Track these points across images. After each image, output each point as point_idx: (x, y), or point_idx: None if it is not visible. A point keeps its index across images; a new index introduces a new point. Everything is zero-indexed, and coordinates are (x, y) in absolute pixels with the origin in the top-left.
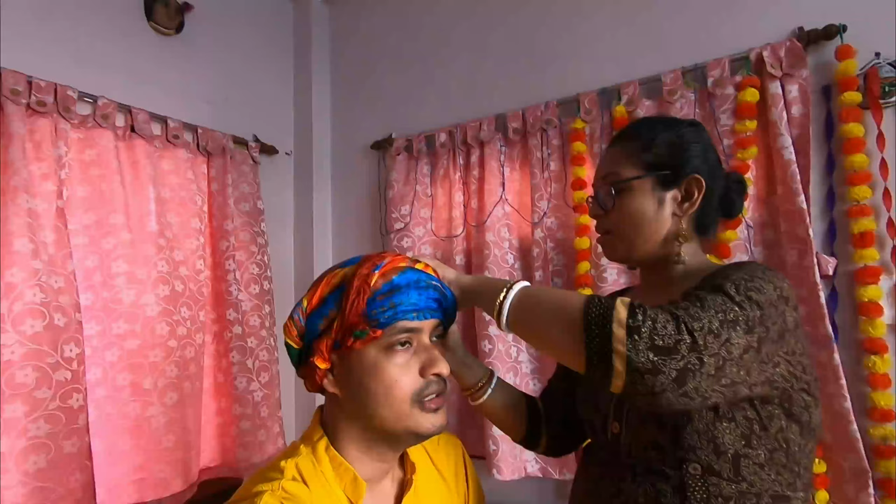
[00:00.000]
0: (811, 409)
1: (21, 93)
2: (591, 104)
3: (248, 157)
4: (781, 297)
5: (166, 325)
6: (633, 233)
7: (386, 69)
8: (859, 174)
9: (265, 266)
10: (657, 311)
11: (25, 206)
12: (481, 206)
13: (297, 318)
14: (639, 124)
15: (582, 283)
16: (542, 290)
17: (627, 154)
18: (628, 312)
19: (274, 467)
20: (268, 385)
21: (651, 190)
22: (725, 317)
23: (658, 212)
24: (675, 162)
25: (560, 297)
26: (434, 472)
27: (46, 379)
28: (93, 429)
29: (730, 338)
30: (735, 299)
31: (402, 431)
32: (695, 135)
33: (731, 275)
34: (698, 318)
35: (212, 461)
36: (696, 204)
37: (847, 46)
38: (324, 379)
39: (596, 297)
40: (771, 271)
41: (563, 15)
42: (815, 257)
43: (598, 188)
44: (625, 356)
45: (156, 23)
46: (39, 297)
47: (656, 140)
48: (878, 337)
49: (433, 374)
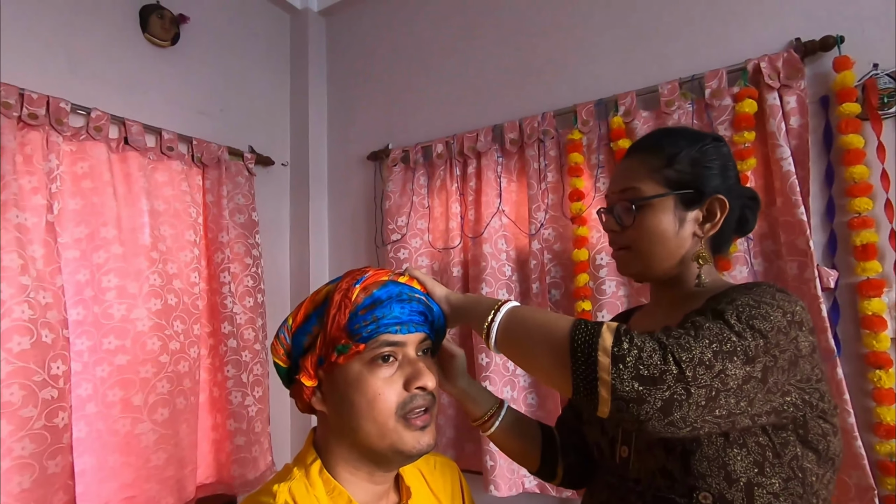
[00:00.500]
0: (829, 437)
1: (13, 105)
2: (588, 115)
3: (244, 169)
4: (793, 323)
5: (158, 340)
6: (651, 252)
7: (382, 80)
8: (860, 185)
9: (259, 279)
10: (644, 339)
11: (15, 221)
12: (478, 217)
13: (283, 337)
14: (661, 136)
15: (580, 295)
16: (532, 311)
17: (648, 169)
18: (614, 340)
19: (266, 491)
20: (261, 400)
21: (672, 209)
22: (721, 347)
23: (678, 232)
24: (698, 181)
25: (548, 320)
26: (430, 497)
27: (33, 397)
28: (82, 446)
29: (724, 369)
30: (734, 328)
31: (388, 449)
32: (717, 151)
33: (735, 299)
34: (688, 348)
35: (207, 478)
36: (718, 225)
37: (845, 57)
38: (311, 397)
39: (583, 323)
40: (782, 294)
41: (560, 26)
42: (816, 269)
43: (615, 201)
44: (609, 385)
45: (151, 34)
46: (27, 314)
47: (679, 156)
48: (882, 351)
49: (417, 387)
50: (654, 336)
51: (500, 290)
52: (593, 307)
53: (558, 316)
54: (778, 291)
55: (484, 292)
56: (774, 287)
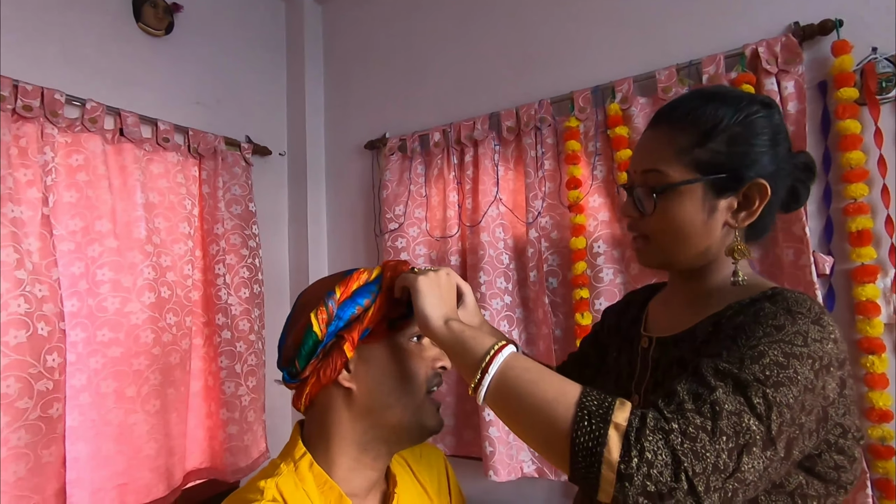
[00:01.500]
0: (842, 468)
1: (6, 98)
2: (585, 102)
3: (241, 159)
4: (822, 369)
5: (151, 333)
6: (674, 243)
7: (379, 68)
8: (856, 171)
9: (256, 269)
10: (656, 450)
11: (10, 216)
12: (476, 205)
13: (330, 306)
14: (697, 103)
15: (578, 283)
16: (528, 378)
17: (676, 148)
18: (622, 452)
19: (252, 488)
20: (255, 389)
21: (701, 197)
22: (738, 440)
23: (707, 222)
24: (735, 163)
25: (546, 399)
26: (416, 485)
27: (28, 389)
28: (77, 434)
29: (741, 466)
30: (756, 410)
31: (414, 423)
32: (765, 122)
33: (763, 353)
34: (703, 456)
35: (201, 463)
36: (756, 214)
37: (843, 42)
38: (338, 374)
39: (587, 417)
40: (817, 329)
41: (556, 12)
42: (812, 256)
43: (636, 183)
44: (612, 494)
45: (144, 24)
46: (24, 308)
47: (716, 131)
48: (875, 336)
49: (440, 366)
50: (669, 441)
51: (497, 279)
52: (591, 295)
53: (557, 393)
54: (813, 325)
55: (482, 281)
56: (811, 316)
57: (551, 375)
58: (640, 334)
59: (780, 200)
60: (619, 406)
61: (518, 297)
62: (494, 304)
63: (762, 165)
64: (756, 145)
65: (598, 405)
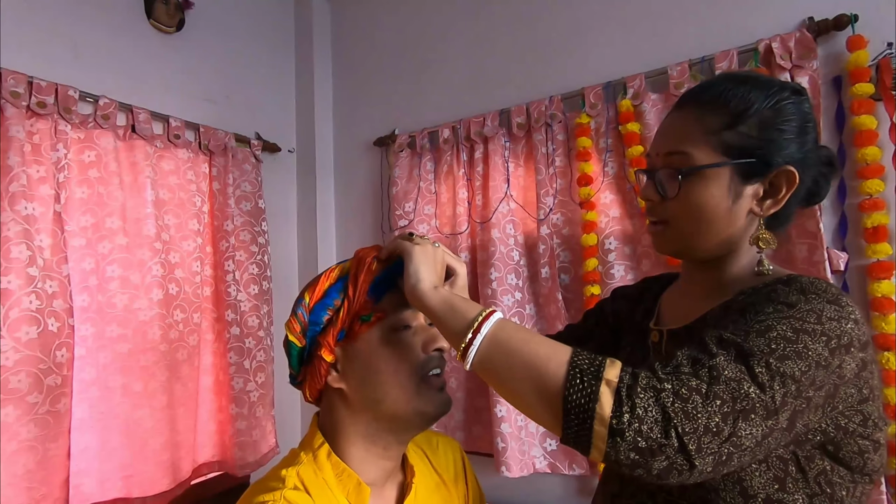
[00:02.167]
0: (867, 454)
1: (21, 95)
2: (597, 98)
3: (251, 156)
4: (839, 348)
5: (159, 329)
6: (695, 229)
7: (388, 65)
8: (872, 167)
9: (265, 266)
10: (647, 406)
11: (23, 213)
12: (486, 202)
13: (300, 314)
14: (727, 85)
15: (590, 279)
16: (518, 339)
17: (704, 129)
18: (613, 407)
19: (274, 476)
20: (264, 385)
21: (728, 181)
22: (734, 406)
23: (731, 209)
24: (765, 148)
25: (537, 357)
26: (433, 476)
27: (38, 384)
28: (85, 426)
29: (737, 431)
30: (758, 379)
31: (413, 413)
32: (796, 109)
33: (772, 326)
34: (694, 416)
35: (212, 457)
36: (782, 202)
37: (858, 37)
38: (328, 376)
39: (578, 375)
40: (833, 308)
41: (567, 7)
42: (826, 252)
43: (658, 165)
44: (604, 451)
45: (156, 21)
46: (35, 304)
47: (747, 115)
48: (891, 333)
49: (435, 349)
50: (660, 399)
51: (508, 275)
52: (602, 291)
53: (549, 351)
54: (829, 304)
55: (493, 277)
56: (826, 296)
57: (542, 337)
58: (651, 328)
59: (804, 191)
60: (609, 364)
61: (529, 293)
62: (505, 301)
63: (790, 153)
64: (786, 131)
65: (590, 363)
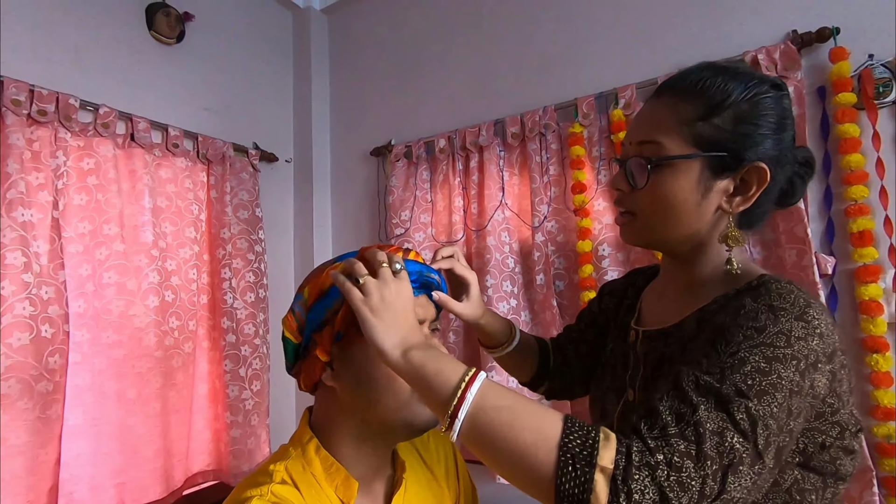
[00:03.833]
0: (840, 460)
1: (22, 103)
2: (589, 108)
3: (248, 165)
4: (809, 368)
5: (154, 336)
6: (663, 222)
7: (384, 76)
8: (856, 173)
9: (262, 274)
10: (644, 485)
11: (20, 220)
12: (481, 210)
13: (297, 311)
14: (706, 74)
15: (585, 285)
16: (500, 421)
17: (678, 119)
18: (609, 496)
19: (263, 471)
20: (259, 394)
21: (698, 174)
22: (721, 462)
23: (700, 203)
24: (738, 142)
25: (525, 445)
26: (424, 471)
27: (29, 390)
28: (79, 431)
29: (726, 486)
30: (740, 426)
31: (400, 423)
32: (774, 104)
33: (745, 359)
34: (689, 485)
35: (207, 465)
36: (751, 200)
37: (840, 49)
38: (322, 373)
39: (570, 461)
40: (801, 326)
41: (559, 20)
42: (814, 256)
43: (630, 154)
44: None
45: (157, 32)
46: (29, 311)
47: (723, 106)
48: (879, 335)
49: None
50: (655, 478)
51: (503, 282)
52: None
53: (537, 434)
54: (796, 322)
55: (488, 284)
56: (794, 311)
57: (526, 413)
58: (630, 327)
59: (777, 190)
60: (603, 444)
61: (524, 300)
62: (501, 308)
63: (764, 149)
64: (761, 126)
65: (582, 445)
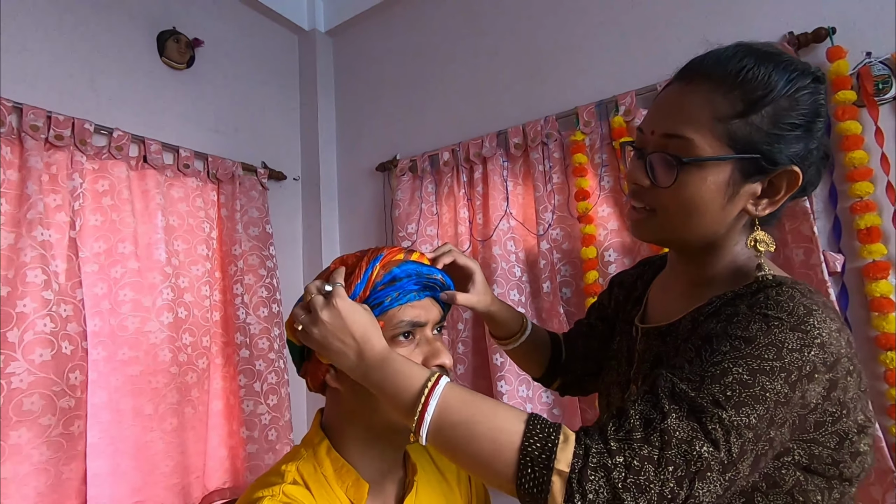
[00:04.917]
0: (844, 464)
1: (40, 128)
2: (590, 116)
3: (257, 183)
4: (801, 379)
5: (168, 352)
6: (683, 222)
7: (388, 94)
8: (860, 170)
9: (274, 289)
10: (598, 486)
11: (40, 239)
12: (486, 220)
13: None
14: (747, 62)
15: (591, 291)
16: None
17: (713, 113)
18: (565, 496)
19: (275, 472)
20: (276, 408)
21: (728, 177)
22: (688, 469)
23: (725, 206)
24: (773, 144)
25: (485, 450)
26: (436, 473)
27: (51, 406)
28: (96, 450)
29: (693, 492)
30: (711, 436)
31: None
32: (810, 100)
33: (728, 369)
34: (647, 488)
35: (224, 483)
36: (779, 203)
37: (838, 48)
38: (325, 375)
39: (529, 463)
40: (798, 335)
41: (558, 30)
42: (822, 255)
43: (652, 146)
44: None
45: (168, 58)
46: (49, 327)
47: (763, 102)
48: (892, 332)
49: (436, 364)
50: (610, 479)
51: (511, 291)
52: None
53: (500, 430)
54: (791, 332)
55: (496, 293)
56: (791, 321)
57: (486, 421)
58: (634, 322)
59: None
60: (561, 446)
61: (532, 308)
62: None
63: (797, 150)
64: (798, 126)
65: (541, 449)
